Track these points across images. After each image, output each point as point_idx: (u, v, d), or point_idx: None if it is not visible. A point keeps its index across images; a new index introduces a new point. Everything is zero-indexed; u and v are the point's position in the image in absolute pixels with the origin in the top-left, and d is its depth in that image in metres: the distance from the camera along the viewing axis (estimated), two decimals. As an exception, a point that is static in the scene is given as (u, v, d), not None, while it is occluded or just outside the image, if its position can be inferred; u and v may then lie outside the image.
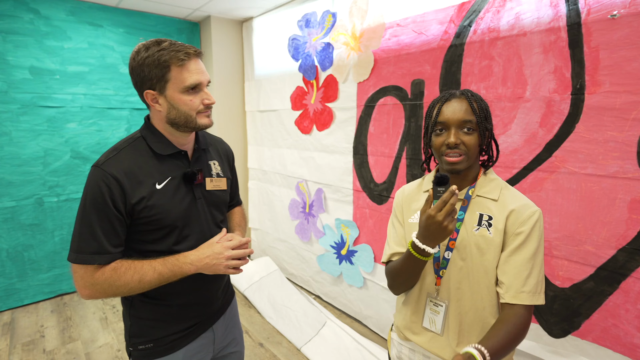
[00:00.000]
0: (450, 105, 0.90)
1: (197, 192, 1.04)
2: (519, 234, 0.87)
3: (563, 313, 1.54)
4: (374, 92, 2.18)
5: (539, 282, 0.86)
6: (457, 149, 0.89)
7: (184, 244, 1.01)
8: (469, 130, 0.89)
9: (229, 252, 0.98)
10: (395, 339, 1.12)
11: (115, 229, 0.91)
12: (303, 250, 3.01)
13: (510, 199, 0.91)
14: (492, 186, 0.94)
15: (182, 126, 0.97)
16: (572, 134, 1.41)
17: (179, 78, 0.91)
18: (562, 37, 1.38)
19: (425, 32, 1.84)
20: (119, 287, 0.90)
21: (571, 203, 1.46)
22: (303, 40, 2.61)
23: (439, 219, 0.81)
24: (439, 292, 0.97)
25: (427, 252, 0.86)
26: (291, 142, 2.92)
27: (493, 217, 0.90)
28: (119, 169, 0.90)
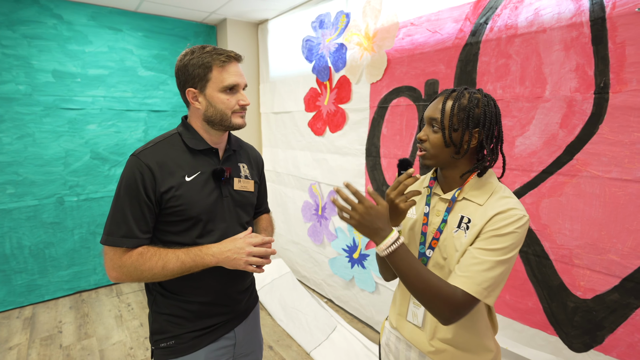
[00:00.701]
0: (432, 102, 0.93)
1: (224, 189, 1.08)
2: (489, 231, 0.82)
3: (585, 326, 1.45)
4: (387, 93, 2.13)
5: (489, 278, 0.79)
6: (421, 144, 0.92)
7: (207, 238, 1.04)
8: (434, 129, 0.90)
9: (250, 248, 1.00)
10: (387, 327, 1.15)
11: (145, 215, 0.97)
12: (315, 253, 2.98)
13: (496, 204, 0.85)
14: (483, 190, 0.90)
15: (218, 124, 1.03)
16: (595, 136, 1.33)
17: (218, 78, 0.99)
18: (584, 33, 1.30)
19: (440, 30, 1.78)
20: (144, 272, 0.95)
21: (594, 209, 1.37)
22: (317, 42, 2.59)
23: (391, 197, 0.89)
24: None
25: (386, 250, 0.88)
26: (304, 144, 2.90)
27: (471, 220, 0.87)
28: (152, 159, 0.97)
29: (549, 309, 1.55)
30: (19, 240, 2.76)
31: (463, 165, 0.92)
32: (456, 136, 0.87)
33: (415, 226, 1.00)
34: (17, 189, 2.71)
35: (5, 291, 2.76)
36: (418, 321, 1.00)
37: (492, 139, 0.88)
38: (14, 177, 2.69)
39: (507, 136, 1.59)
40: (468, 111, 0.86)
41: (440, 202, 0.95)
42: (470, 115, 0.86)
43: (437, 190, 0.98)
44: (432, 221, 0.96)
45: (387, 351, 1.14)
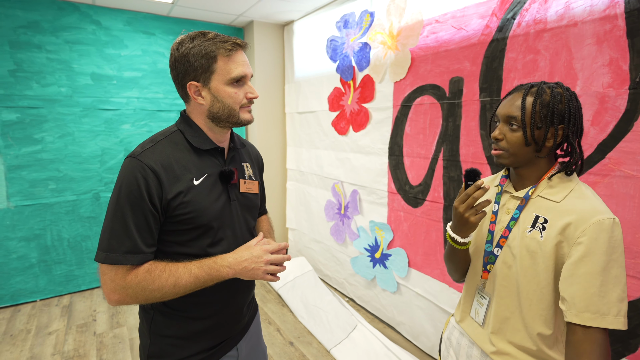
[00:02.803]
0: (507, 99, 0.90)
1: (231, 193, 0.99)
2: (579, 244, 0.76)
3: (617, 333, 1.38)
4: (410, 92, 2.12)
5: (613, 301, 0.72)
6: (497, 144, 0.89)
7: (218, 247, 0.95)
8: (513, 127, 0.86)
9: (268, 256, 0.92)
10: (452, 321, 1.14)
11: (150, 226, 0.85)
12: (337, 252, 2.99)
13: (576, 203, 0.80)
14: (560, 187, 0.85)
15: (224, 121, 0.93)
16: (630, 133, 1.27)
17: (225, 69, 0.88)
18: (619, 26, 1.24)
19: (465, 27, 1.75)
20: (152, 292, 0.83)
21: (628, 210, 1.30)
22: (341, 41, 2.60)
23: (460, 211, 0.86)
24: (485, 286, 0.98)
25: (457, 241, 0.92)
26: (328, 143, 2.92)
27: (548, 221, 0.82)
28: (156, 161, 0.85)
29: (579, 314, 1.48)
30: (59, 233, 2.94)
31: (543, 163, 0.88)
32: (539, 134, 0.84)
33: (483, 224, 0.98)
34: (58, 185, 2.89)
35: (47, 280, 2.94)
36: (480, 319, 0.98)
37: (578, 134, 0.85)
38: (56, 173, 2.87)
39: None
40: (552, 107, 0.82)
41: (511, 200, 0.93)
42: (555, 111, 0.82)
43: (508, 188, 0.95)
44: (500, 219, 0.94)
45: (447, 345, 1.12)
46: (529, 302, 0.86)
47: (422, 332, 2.26)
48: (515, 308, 0.89)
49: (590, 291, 0.73)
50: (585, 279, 0.74)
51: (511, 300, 0.90)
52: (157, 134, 0.94)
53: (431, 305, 2.16)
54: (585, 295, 0.74)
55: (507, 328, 0.91)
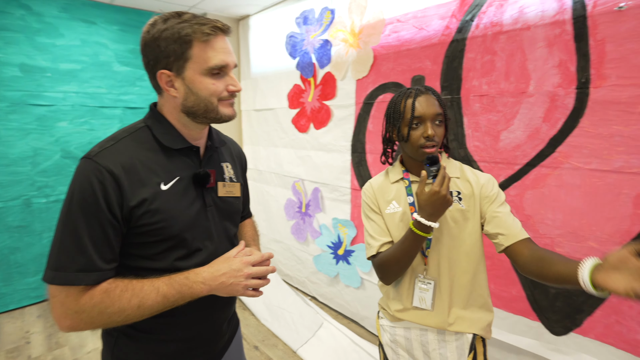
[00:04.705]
0: (422, 101, 0.98)
1: (208, 198, 0.87)
2: (493, 194, 1.02)
3: (565, 310, 1.52)
4: (373, 89, 2.15)
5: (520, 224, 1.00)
6: (433, 141, 0.97)
7: (191, 260, 0.84)
8: (438, 123, 0.99)
9: (249, 269, 0.82)
10: (386, 325, 1.15)
11: (109, 238, 0.73)
12: (299, 251, 2.96)
13: (470, 174, 1.06)
14: (453, 166, 1.07)
15: (201, 116, 0.81)
16: (577, 129, 1.40)
17: (201, 57, 0.76)
18: (567, 31, 1.37)
19: (426, 27, 1.82)
20: (112, 315, 0.72)
21: (574, 199, 1.44)
22: (301, 38, 2.58)
23: (443, 193, 0.90)
24: (427, 271, 1.04)
25: (431, 228, 0.93)
26: (288, 141, 2.88)
27: (461, 192, 1.03)
28: (116, 162, 0.74)
29: (532, 296, 1.61)
30: (-18, 245, 2.58)
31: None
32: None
33: (404, 217, 1.05)
34: (-21, 190, 2.53)
35: (-34, 300, 2.56)
36: (427, 304, 1.03)
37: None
38: (-24, 177, 2.51)
39: (492, 130, 1.64)
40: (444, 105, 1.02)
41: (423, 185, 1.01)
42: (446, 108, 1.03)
43: (415, 178, 1.07)
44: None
45: (394, 348, 1.14)
46: (465, 264, 1.03)
47: (386, 324, 2.31)
48: (458, 276, 1.03)
49: (515, 222, 0.99)
50: (509, 216, 1.00)
51: (452, 270, 1.03)
52: (119, 131, 0.82)
53: (395, 298, 2.22)
54: (514, 224, 0.99)
55: (457, 296, 1.03)
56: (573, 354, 1.51)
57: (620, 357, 1.38)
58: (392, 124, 1.05)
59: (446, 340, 1.06)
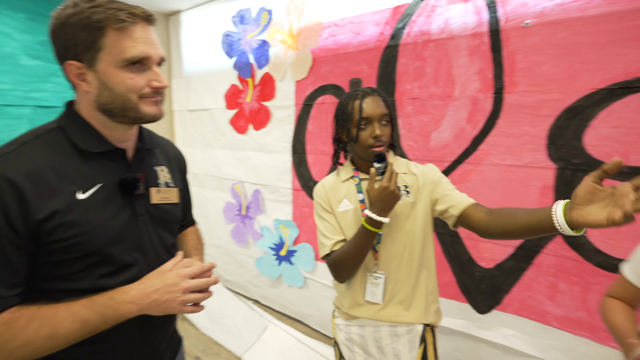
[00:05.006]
0: (369, 102, 1.03)
1: (138, 206, 0.80)
2: (438, 179, 1.09)
3: (489, 291, 1.70)
4: (312, 91, 2.20)
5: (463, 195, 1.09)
6: (381, 140, 1.02)
7: (120, 277, 0.75)
8: (384, 123, 1.04)
9: (187, 283, 0.74)
10: (341, 324, 1.18)
11: (9, 259, 0.64)
12: (239, 255, 2.90)
13: (414, 167, 1.13)
14: (400, 163, 1.13)
15: (119, 115, 0.72)
16: (494, 129, 1.58)
17: (116, 47, 0.68)
18: (484, 42, 1.54)
19: (362, 32, 1.91)
20: (14, 351, 0.62)
21: (494, 191, 1.62)
22: (237, 37, 2.53)
23: (392, 188, 0.94)
24: (378, 265, 1.08)
25: (382, 223, 0.96)
26: (225, 143, 2.80)
27: (408, 185, 1.09)
28: (17, 170, 0.64)
29: (461, 280, 1.78)
30: None
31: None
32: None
33: (356, 215, 1.08)
34: None
35: None
36: (378, 298, 1.07)
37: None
38: None
39: (424, 131, 1.78)
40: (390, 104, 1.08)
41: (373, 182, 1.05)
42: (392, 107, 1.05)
43: (365, 176, 1.11)
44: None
45: (349, 346, 1.17)
46: (415, 256, 1.07)
47: (330, 320, 2.37)
48: (408, 268, 1.07)
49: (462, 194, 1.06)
50: (456, 192, 1.07)
51: (402, 263, 1.07)
52: (25, 134, 0.71)
53: (338, 294, 2.28)
54: (461, 195, 1.06)
55: (408, 288, 1.08)
56: (495, 329, 1.70)
57: (532, 327, 1.59)
58: (342, 126, 1.07)
59: (398, 334, 1.10)
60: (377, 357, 1.14)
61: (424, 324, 1.12)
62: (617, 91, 1.30)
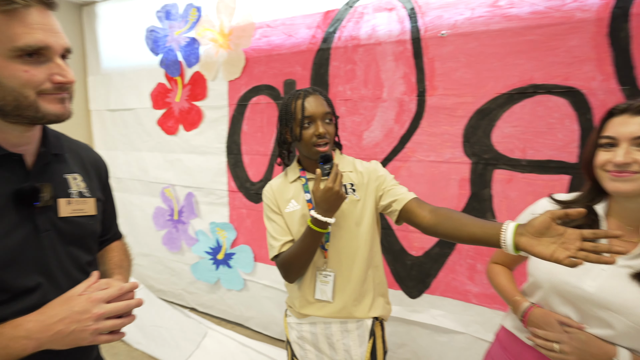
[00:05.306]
0: (311, 102, 1.04)
1: (41, 220, 0.70)
2: (382, 175, 1.12)
3: (419, 277, 1.86)
4: (246, 91, 2.18)
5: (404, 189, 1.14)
6: (325, 138, 1.03)
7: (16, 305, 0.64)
8: (327, 121, 1.06)
9: (100, 309, 0.64)
10: (293, 322, 1.20)
11: None
12: (172, 262, 2.76)
13: (359, 165, 1.16)
14: (346, 161, 1.16)
15: (12, 114, 0.63)
16: (419, 129, 1.73)
17: (4, 33, 0.58)
18: (408, 49, 1.68)
19: (295, 35, 1.95)
20: None
21: (421, 185, 1.77)
22: (163, 33, 2.40)
23: (337, 189, 0.95)
24: (327, 264, 1.10)
25: (328, 224, 0.98)
26: (153, 145, 2.64)
27: (354, 184, 1.11)
28: None
29: (394, 269, 1.91)
30: None
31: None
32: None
33: (303, 215, 1.10)
34: None
35: None
36: (328, 296, 1.09)
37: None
38: None
39: (356, 130, 1.88)
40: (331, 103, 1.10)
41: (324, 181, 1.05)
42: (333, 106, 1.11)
43: (311, 176, 1.12)
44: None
45: (301, 344, 1.19)
46: (363, 252, 1.09)
47: (271, 320, 2.38)
48: (356, 265, 1.09)
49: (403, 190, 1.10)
50: (399, 186, 1.11)
51: (351, 260, 1.09)
52: None
53: (279, 293, 2.30)
54: (402, 189, 1.09)
55: (357, 284, 1.10)
56: (425, 311, 1.86)
57: (456, 305, 1.78)
58: (285, 125, 1.08)
59: (348, 330, 1.13)
60: (329, 353, 1.16)
61: (373, 318, 1.15)
62: (515, 96, 1.51)
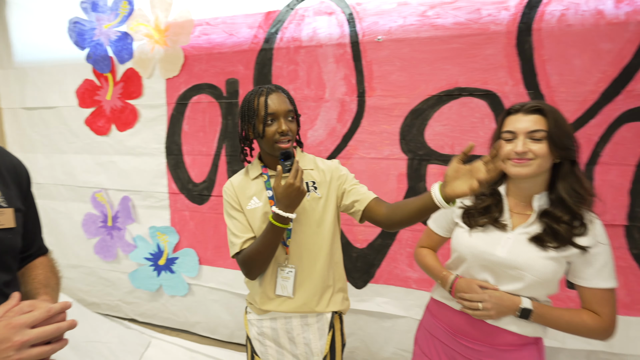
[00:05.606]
0: (274, 99, 1.04)
1: None
2: (345, 175, 1.16)
3: (364, 268, 1.97)
4: (186, 90, 2.11)
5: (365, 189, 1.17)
6: (287, 136, 1.04)
7: None
8: (290, 119, 1.07)
9: (24, 335, 0.57)
10: (254, 319, 1.21)
11: None
12: (107, 272, 2.58)
13: (321, 163, 1.18)
14: (307, 159, 1.17)
15: None
16: (360, 128, 1.83)
17: None
18: (347, 52, 1.77)
19: (236, 34, 1.94)
20: None
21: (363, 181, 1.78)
22: (90, 26, 2.23)
23: (297, 185, 0.97)
24: (288, 260, 1.12)
25: (289, 219, 0.99)
26: (81, 146, 2.44)
27: (316, 181, 1.13)
28: None
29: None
30: None
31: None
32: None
33: (265, 212, 1.11)
34: None
35: None
36: (289, 291, 1.11)
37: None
38: None
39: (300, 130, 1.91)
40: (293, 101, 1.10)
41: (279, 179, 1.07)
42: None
43: (273, 173, 1.13)
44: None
45: (261, 340, 1.20)
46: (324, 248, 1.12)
47: (219, 323, 2.34)
48: (317, 260, 1.12)
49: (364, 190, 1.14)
50: (360, 186, 1.15)
51: (311, 256, 1.12)
52: None
53: (227, 295, 2.27)
54: (364, 189, 1.14)
55: (317, 279, 1.13)
56: (371, 299, 1.98)
57: (398, 292, 1.91)
58: (247, 122, 1.08)
59: (308, 324, 1.16)
60: (289, 347, 1.19)
61: (333, 312, 1.18)
62: (443, 97, 1.67)
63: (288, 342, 1.19)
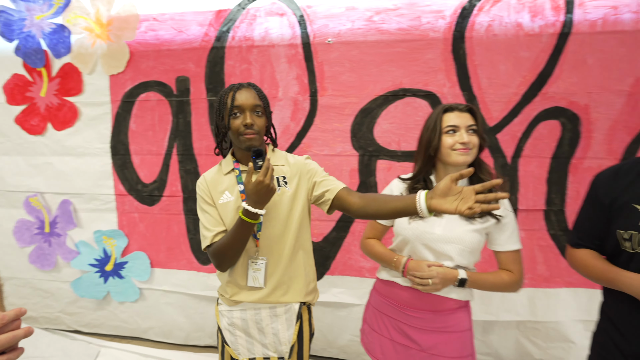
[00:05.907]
0: (242, 93, 1.09)
1: None
2: (314, 170, 1.20)
3: (320, 261, 2.05)
4: (132, 87, 2.03)
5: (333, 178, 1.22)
6: (252, 129, 1.07)
7: None
8: (258, 114, 1.11)
9: None
10: (224, 310, 1.24)
11: None
12: (44, 282, 2.40)
13: (292, 159, 1.22)
14: (279, 156, 1.21)
15: None
16: (313, 126, 1.90)
17: None
18: (299, 52, 1.83)
19: (186, 31, 1.91)
20: None
21: (317, 177, 1.95)
22: (19, 16, 2.05)
23: (267, 182, 0.99)
24: (259, 252, 1.16)
25: (258, 215, 1.03)
26: (11, 147, 2.24)
27: (286, 176, 1.17)
28: None
29: (297, 257, 2.06)
30: None
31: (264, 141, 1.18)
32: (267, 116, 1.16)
33: (236, 206, 1.13)
34: None
35: None
36: (260, 282, 1.15)
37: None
38: None
39: (255, 128, 1.95)
40: (267, 99, 1.18)
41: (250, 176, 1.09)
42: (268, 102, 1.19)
43: (245, 168, 1.16)
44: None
45: (231, 331, 1.23)
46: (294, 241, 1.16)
47: (174, 326, 2.28)
48: (287, 252, 1.16)
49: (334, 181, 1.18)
50: (330, 179, 1.19)
51: (281, 248, 1.16)
52: None
53: (182, 297, 2.23)
54: (334, 182, 1.18)
55: (287, 271, 1.17)
56: (327, 290, 2.06)
57: (353, 281, 2.02)
58: (218, 115, 1.12)
59: (277, 314, 1.20)
60: (258, 337, 1.23)
61: (300, 302, 1.22)
62: (390, 97, 1.80)
63: (257, 332, 1.22)
